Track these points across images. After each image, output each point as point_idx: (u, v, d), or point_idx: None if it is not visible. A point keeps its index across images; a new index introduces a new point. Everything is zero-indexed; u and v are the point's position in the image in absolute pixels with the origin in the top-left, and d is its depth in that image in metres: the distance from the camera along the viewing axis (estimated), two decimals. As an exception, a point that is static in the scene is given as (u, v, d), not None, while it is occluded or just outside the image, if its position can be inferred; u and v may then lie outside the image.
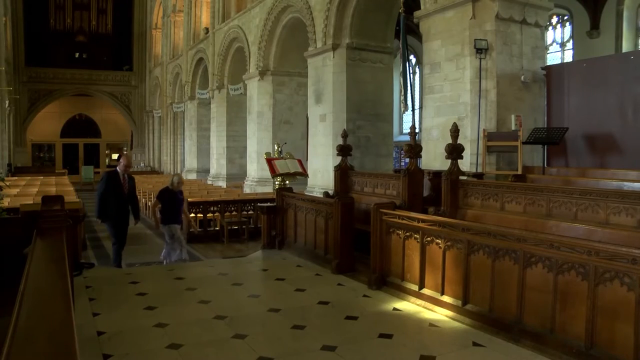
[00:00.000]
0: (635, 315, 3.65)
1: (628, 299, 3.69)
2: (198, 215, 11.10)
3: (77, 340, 1.76)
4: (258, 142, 18.04)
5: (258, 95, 18.05)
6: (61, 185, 13.68)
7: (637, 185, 6.69)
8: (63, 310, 2.01)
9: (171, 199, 8.86)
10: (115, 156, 37.81)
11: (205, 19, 24.87)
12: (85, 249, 9.70)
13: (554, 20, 18.71)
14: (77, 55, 35.02)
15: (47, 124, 35.01)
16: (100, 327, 4.78)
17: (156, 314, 5.25)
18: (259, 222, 10.08)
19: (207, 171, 24.05)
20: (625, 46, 16.37)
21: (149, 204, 15.11)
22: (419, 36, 12.09)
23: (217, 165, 22.60)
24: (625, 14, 16.49)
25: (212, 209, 11.11)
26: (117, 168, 8.63)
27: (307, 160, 14.58)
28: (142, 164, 34.68)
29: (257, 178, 18.10)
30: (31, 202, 9.65)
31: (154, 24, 34.15)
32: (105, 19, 35.68)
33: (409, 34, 12.57)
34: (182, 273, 7.19)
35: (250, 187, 17.95)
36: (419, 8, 10.63)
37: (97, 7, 35.31)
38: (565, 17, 18.47)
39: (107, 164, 36.78)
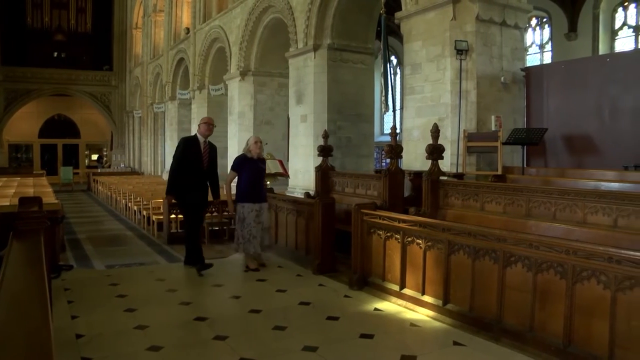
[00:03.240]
0: (610, 313, 3.71)
1: (604, 296, 3.74)
2: (179, 216, 11.01)
3: (54, 344, 1.74)
4: (239, 142, 17.94)
5: (239, 95, 17.99)
6: (39, 187, 13.45)
7: (613, 185, 6.79)
8: (40, 314, 1.98)
9: (252, 170, 7.21)
10: (95, 157, 37.44)
11: (186, 18, 24.71)
12: (64, 250, 9.57)
13: (533, 22, 18.91)
14: (55, 54, 34.51)
15: (24, 124, 34.49)
16: (79, 330, 4.73)
17: (136, 315, 5.21)
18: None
19: (188, 172, 23.85)
20: (602, 48, 16.62)
21: (129, 204, 14.97)
22: (400, 37, 12.15)
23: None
24: (601, 17, 16.74)
25: (193, 210, 11.02)
26: (197, 133, 7.26)
27: (288, 160, 14.56)
28: (122, 165, 34.35)
29: (238, 179, 17.97)
30: (8, 203, 9.49)
31: (134, 23, 33.83)
32: (85, 18, 35.21)
33: (390, 34, 12.62)
34: (163, 274, 7.14)
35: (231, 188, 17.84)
36: (400, 9, 10.67)
37: (76, 6, 34.80)
38: (544, 20, 18.68)
39: (86, 164, 36.37)
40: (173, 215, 10.97)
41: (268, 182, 9.13)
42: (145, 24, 30.53)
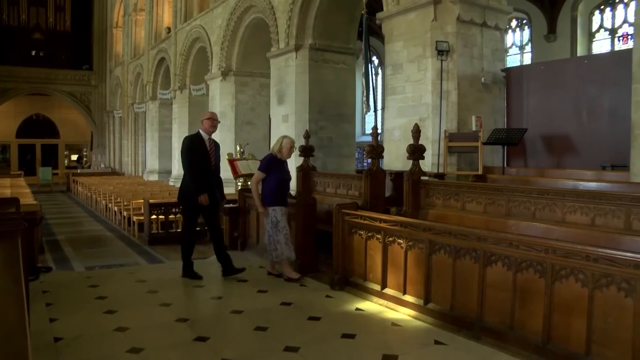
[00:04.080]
0: (588, 310, 3.75)
1: (582, 294, 3.79)
2: (160, 217, 10.94)
3: (31, 348, 1.71)
4: (220, 142, 17.72)
5: (220, 95, 17.91)
6: (17, 187, 13.30)
7: (591, 184, 6.87)
8: (16, 317, 1.95)
9: (277, 171, 6.79)
10: (74, 157, 37.02)
11: (167, 18, 24.54)
12: (42, 252, 9.45)
13: (514, 23, 19.10)
14: (33, 53, 33.94)
15: (1, 124, 34.00)
16: (57, 333, 4.66)
17: (116, 317, 5.16)
18: (221, 224, 9.98)
19: (169, 172, 23.73)
20: (580, 50, 16.85)
21: (109, 205, 14.83)
22: (381, 37, 12.18)
23: (179, 166, 22.20)
24: (579, 19, 16.99)
25: (174, 210, 10.94)
26: (200, 130, 6.79)
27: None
28: (102, 165, 34.02)
29: (219, 179, 17.91)
30: (-15, 204, 9.36)
31: (114, 22, 33.50)
32: (64, 16, 34.69)
33: (371, 35, 12.66)
34: (144, 275, 7.08)
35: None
36: (381, 9, 10.71)
37: (55, 4, 34.25)
38: (524, 21, 18.87)
39: (66, 165, 35.96)
40: (154, 216, 10.89)
41: (249, 183, 9.12)
42: (126, 23, 30.27)
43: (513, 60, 18.91)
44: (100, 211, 16.33)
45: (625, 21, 16.12)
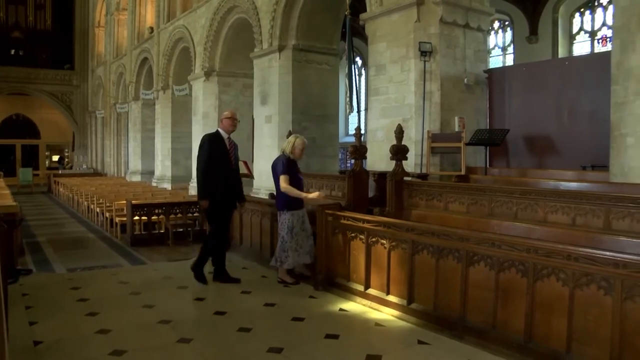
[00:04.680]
0: (568, 309, 3.79)
1: (563, 293, 3.83)
2: (142, 218, 10.87)
3: (8, 352, 1.69)
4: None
5: (203, 96, 17.84)
6: (-3, 188, 13.10)
7: (572, 185, 6.94)
8: (-7, 319, 1.92)
9: (297, 173, 6.60)
10: (55, 157, 36.62)
11: (150, 18, 24.38)
12: (22, 254, 9.34)
13: (496, 25, 19.25)
14: (12, 52, 33.44)
15: (-20, 124, 33.54)
16: (37, 337, 4.60)
17: (98, 320, 5.11)
18: (204, 225, 9.94)
19: (152, 173, 23.58)
20: (561, 52, 17.05)
21: (91, 206, 14.70)
22: (364, 38, 12.21)
23: (162, 166, 22.19)
24: (560, 21, 17.19)
25: (156, 211, 10.88)
26: (219, 129, 6.55)
27: (252, 161, 14.49)
28: (84, 166, 33.69)
29: (203, 180, 17.82)
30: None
31: (96, 21, 33.18)
32: (44, 15, 34.21)
33: (355, 36, 12.69)
34: (126, 277, 7.03)
35: (195, 189, 17.66)
36: (365, 10, 10.72)
37: (35, 2, 33.66)
38: (507, 23, 19.04)
39: (47, 165, 35.55)
40: (136, 217, 10.82)
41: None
42: (108, 22, 30.01)
43: (495, 61, 19.06)
44: (82, 212, 16.18)
45: (604, 24, 16.34)
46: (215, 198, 6.34)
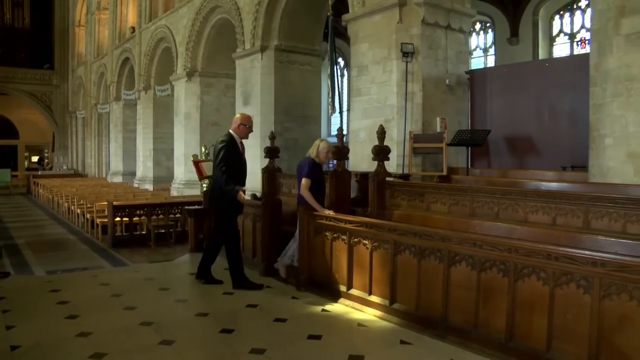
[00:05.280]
0: (549, 308, 3.83)
1: (543, 292, 3.86)
2: (124, 219, 10.79)
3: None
4: (185, 144, 17.72)
5: (185, 96, 17.75)
6: (-26, 190, 12.94)
7: (553, 185, 7.01)
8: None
9: (317, 177, 6.45)
10: (35, 158, 36.17)
11: (131, 17, 24.21)
12: (0, 257, 9.22)
13: (477, 26, 19.40)
14: (-11, 50, 33.02)
15: (-45, 124, 32.99)
16: (14, 341, 4.51)
17: (78, 322, 5.04)
18: (186, 226, 9.89)
19: (133, 174, 23.41)
20: (541, 53, 17.24)
21: (72, 208, 14.54)
22: (347, 39, 12.24)
23: (144, 167, 22.05)
24: (540, 24, 17.39)
25: (138, 212, 10.80)
26: (233, 132, 6.42)
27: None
28: (64, 167, 33.34)
29: (184, 181, 17.78)
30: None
31: (76, 21, 32.85)
32: (22, 13, 33.67)
33: (337, 36, 12.71)
34: (107, 279, 6.97)
35: (177, 190, 17.61)
36: (347, 11, 10.74)
37: (12, 0, 33.34)
38: (488, 24, 19.20)
39: (26, 166, 35.12)
40: (118, 218, 10.73)
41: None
42: (89, 21, 29.74)
43: (477, 62, 19.20)
44: (62, 214, 16.00)
45: (583, 26, 16.55)
46: (234, 198, 6.27)
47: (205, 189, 9.04)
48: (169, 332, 4.79)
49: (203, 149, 10.00)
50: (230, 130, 6.46)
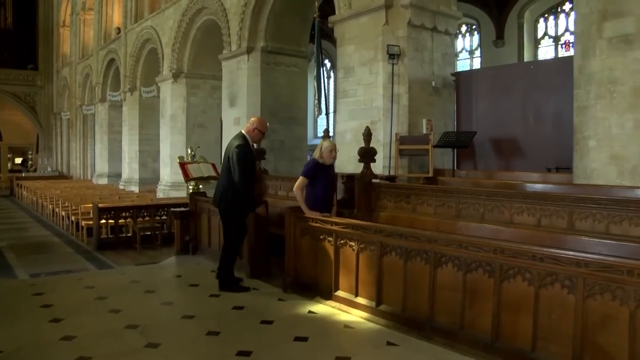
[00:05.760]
0: (534, 308, 3.85)
1: (528, 293, 3.88)
2: (109, 221, 10.71)
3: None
4: (171, 145, 17.65)
5: (171, 98, 17.68)
6: (-44, 191, 12.80)
7: (538, 186, 7.06)
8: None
9: (322, 177, 6.34)
10: (18, 160, 35.80)
11: (117, 18, 24.05)
12: (-19, 259, 9.13)
13: (463, 29, 19.52)
14: (-29, 50, 32.60)
15: (-63, 125, 32.54)
16: (-4, 346, 4.46)
17: (62, 326, 4.98)
18: (172, 228, 9.84)
19: (119, 176, 23.27)
20: (526, 56, 17.39)
21: (56, 210, 14.42)
22: (333, 41, 12.25)
23: (129, 169, 21.92)
24: (525, 26, 17.54)
25: (123, 214, 10.73)
26: (247, 135, 6.33)
27: (221, 164, 14.39)
28: (49, 169, 33.03)
29: (170, 182, 17.70)
30: None
31: (61, 21, 32.57)
32: (5, 13, 33.14)
33: (323, 38, 12.70)
34: (92, 282, 6.90)
35: (163, 192, 17.52)
36: (333, 13, 10.77)
37: (-6, 0, 32.95)
38: (474, 27, 19.32)
39: (9, 168, 34.73)
40: (103, 221, 10.65)
41: (201, 186, 9.00)
42: (74, 22, 29.50)
43: (463, 64, 19.31)
44: (47, 216, 15.86)
45: (567, 29, 16.71)
46: (250, 205, 6.34)
47: (191, 190, 9.01)
48: (154, 335, 4.75)
49: (189, 151, 9.98)
50: (243, 132, 6.38)
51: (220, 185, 6.45)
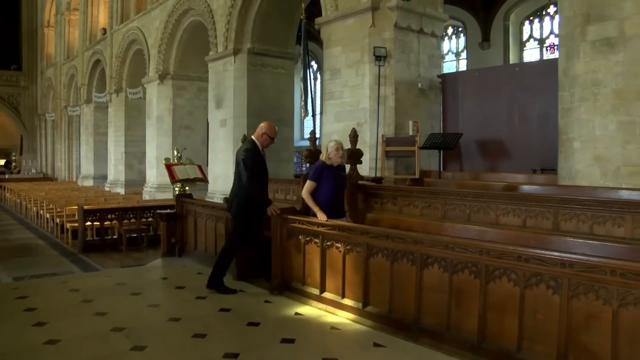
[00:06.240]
0: (519, 308, 3.87)
1: (514, 293, 3.91)
2: (95, 223, 10.62)
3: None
4: (157, 147, 17.57)
5: (158, 99, 17.60)
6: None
7: (523, 187, 7.11)
8: None
9: (330, 180, 6.11)
10: (1, 162, 35.42)
11: (102, 19, 23.91)
12: (-35, 262, 9.00)
13: (450, 31, 19.63)
14: (-48, 50, 32.18)
15: None
16: (-23, 351, 4.40)
17: (47, 329, 4.92)
18: (158, 230, 9.78)
19: (105, 177, 23.12)
20: (512, 58, 17.52)
21: (41, 212, 14.28)
22: (320, 42, 12.28)
23: (115, 171, 21.79)
24: (510, 29, 17.69)
25: (109, 216, 10.63)
26: (255, 140, 6.37)
27: (207, 165, 14.36)
28: (33, 170, 32.73)
29: (156, 184, 17.62)
30: None
31: (45, 21, 32.30)
32: (-14, 13, 33.04)
33: (310, 40, 12.74)
34: (77, 284, 6.83)
35: (149, 194, 17.43)
36: (320, 14, 10.78)
37: (-23, 0, 32.59)
38: (460, 29, 19.43)
39: (-7, 169, 34.40)
40: (89, 223, 10.56)
41: (187, 188, 8.95)
42: (58, 22, 29.28)
43: (449, 66, 19.42)
44: (31, 218, 15.69)
45: (552, 32, 16.86)
46: (261, 208, 6.26)
47: (177, 192, 8.96)
48: (140, 337, 4.72)
49: (175, 152, 9.92)
50: (253, 137, 6.41)
51: (232, 190, 6.49)
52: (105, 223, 10.67)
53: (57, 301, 6.03)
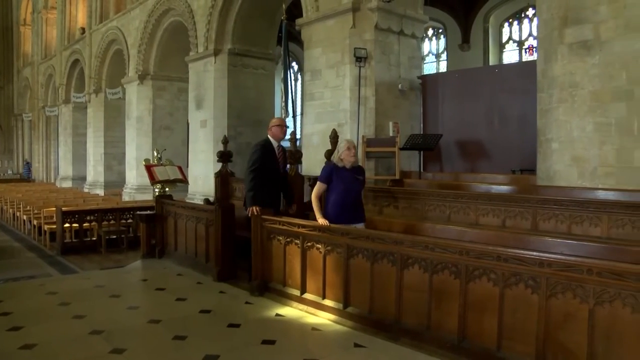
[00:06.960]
0: (499, 308, 3.90)
1: (493, 293, 3.94)
2: (73, 225, 10.50)
3: None
4: (137, 148, 17.44)
5: (137, 99, 17.47)
6: None
7: (503, 188, 7.17)
8: None
9: (345, 183, 5.65)
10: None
11: (81, 18, 23.67)
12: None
13: (430, 32, 19.74)
14: None
15: None
16: (-51, 359, 4.32)
17: (22, 334, 4.83)
18: (138, 231, 9.70)
19: (84, 178, 22.88)
20: (492, 59, 17.68)
21: (17, 214, 14.08)
22: (301, 43, 12.27)
23: (94, 172, 21.58)
24: (490, 31, 17.86)
25: (88, 218, 10.53)
26: (269, 136, 6.40)
27: (187, 166, 14.29)
28: (9, 171, 32.28)
29: (136, 185, 17.48)
30: None
31: (21, 19, 31.87)
32: (-42, 10, 32.49)
33: (291, 40, 12.71)
34: (55, 287, 6.74)
35: (129, 195, 17.29)
36: (301, 15, 10.77)
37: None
38: (440, 31, 19.55)
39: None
40: (67, 225, 10.44)
41: (167, 189, 8.89)
42: (35, 20, 28.91)
43: (429, 67, 19.54)
44: (7, 221, 15.46)
45: (530, 34, 17.05)
46: (265, 204, 6.18)
47: (157, 193, 8.89)
48: (120, 340, 4.67)
49: (155, 153, 9.84)
50: (268, 136, 6.45)
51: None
52: (84, 225, 10.56)
53: (34, 305, 5.94)
